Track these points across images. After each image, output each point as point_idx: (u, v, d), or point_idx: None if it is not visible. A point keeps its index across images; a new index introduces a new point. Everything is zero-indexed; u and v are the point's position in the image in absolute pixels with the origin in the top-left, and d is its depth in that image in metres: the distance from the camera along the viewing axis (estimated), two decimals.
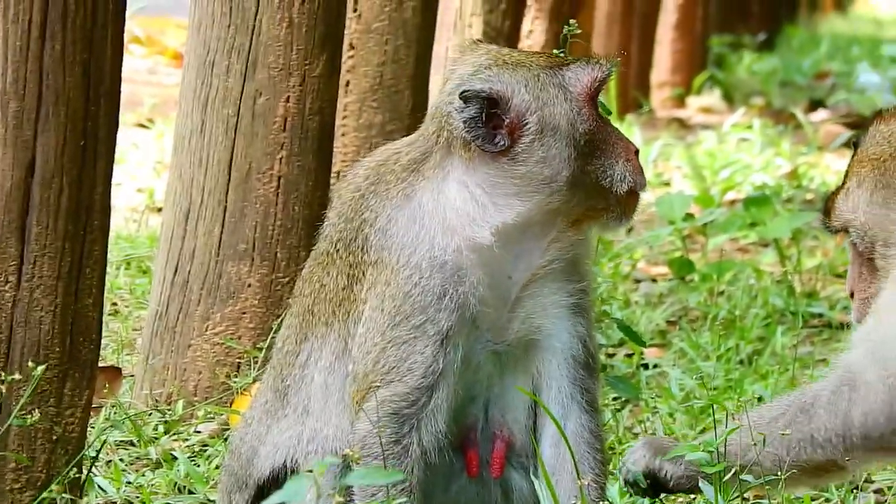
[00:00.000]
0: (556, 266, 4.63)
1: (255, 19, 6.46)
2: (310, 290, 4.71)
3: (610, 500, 5.02)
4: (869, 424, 4.77)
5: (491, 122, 4.50)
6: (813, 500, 5.83)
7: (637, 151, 4.62)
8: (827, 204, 5.23)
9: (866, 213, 5.08)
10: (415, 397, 4.48)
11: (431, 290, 4.49)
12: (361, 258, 4.59)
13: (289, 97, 6.51)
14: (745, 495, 4.74)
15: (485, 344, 4.60)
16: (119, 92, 4.85)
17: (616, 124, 4.76)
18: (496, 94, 4.51)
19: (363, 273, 4.58)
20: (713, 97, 18.98)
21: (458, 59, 4.81)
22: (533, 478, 4.57)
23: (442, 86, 4.75)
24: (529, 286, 4.62)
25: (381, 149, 4.83)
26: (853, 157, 5.22)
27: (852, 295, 5.18)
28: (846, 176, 5.20)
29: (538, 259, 4.60)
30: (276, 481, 4.56)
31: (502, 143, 4.49)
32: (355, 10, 7.50)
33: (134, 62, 16.64)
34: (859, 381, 4.80)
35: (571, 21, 7.59)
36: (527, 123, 4.52)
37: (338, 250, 4.65)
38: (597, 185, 4.54)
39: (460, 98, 4.51)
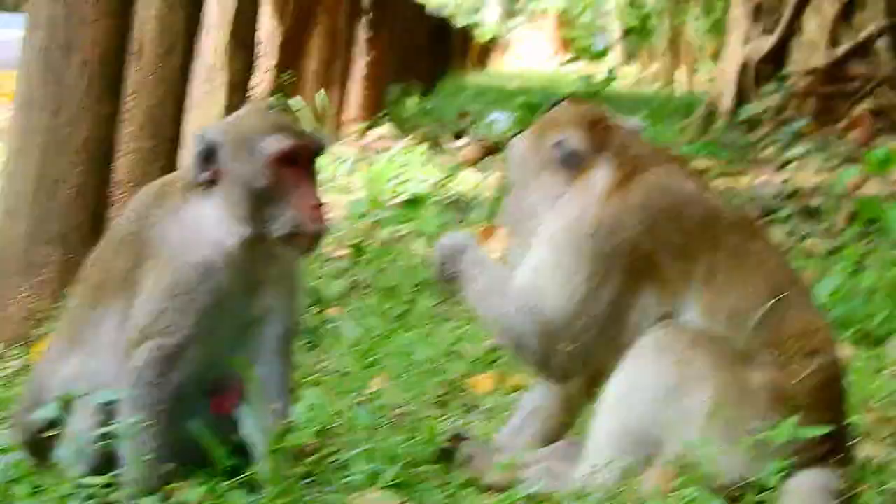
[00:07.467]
0: (280, 269, 4.62)
1: (63, 73, 6.40)
2: (98, 271, 4.64)
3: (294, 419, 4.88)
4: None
5: (208, 163, 4.46)
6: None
7: (318, 204, 4.49)
8: None
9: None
10: (177, 349, 4.45)
11: (192, 280, 4.46)
12: (144, 249, 4.51)
13: (85, 128, 6.46)
14: None
15: (231, 319, 4.57)
16: None
17: None
18: (212, 144, 4.46)
19: (144, 260, 4.50)
20: (388, 128, 18.78)
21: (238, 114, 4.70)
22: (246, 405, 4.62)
23: None
24: (263, 282, 4.60)
25: (171, 174, 4.74)
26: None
27: None
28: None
29: (265, 266, 4.57)
30: (65, 407, 4.53)
31: (203, 178, 4.47)
32: (137, 67, 7.38)
33: None
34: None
35: (287, 73, 7.63)
36: (226, 171, 4.47)
37: (128, 241, 4.56)
38: (269, 227, 4.48)
39: (196, 138, 4.48)
